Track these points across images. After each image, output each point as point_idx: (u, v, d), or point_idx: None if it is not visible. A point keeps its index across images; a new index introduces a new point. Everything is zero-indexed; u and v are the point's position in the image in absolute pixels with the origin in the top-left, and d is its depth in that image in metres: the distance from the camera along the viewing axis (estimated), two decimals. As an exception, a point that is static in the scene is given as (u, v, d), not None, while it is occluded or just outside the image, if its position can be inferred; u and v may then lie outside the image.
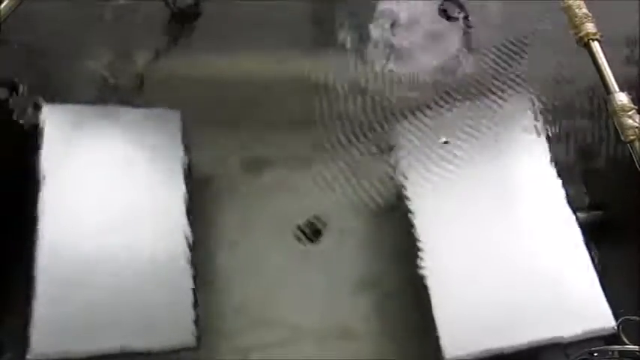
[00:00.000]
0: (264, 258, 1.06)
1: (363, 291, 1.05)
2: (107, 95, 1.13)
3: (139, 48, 1.18)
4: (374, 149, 1.15)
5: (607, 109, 0.87)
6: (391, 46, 1.27)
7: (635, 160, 0.80)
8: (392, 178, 1.12)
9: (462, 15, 1.30)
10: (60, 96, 1.07)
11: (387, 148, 1.15)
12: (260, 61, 1.23)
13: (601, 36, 0.91)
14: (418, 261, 1.01)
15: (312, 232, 1.09)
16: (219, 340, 0.98)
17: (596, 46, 0.90)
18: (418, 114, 1.17)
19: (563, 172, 1.09)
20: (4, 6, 0.92)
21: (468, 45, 1.27)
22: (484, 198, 1.08)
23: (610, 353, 0.85)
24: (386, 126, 1.17)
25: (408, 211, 1.06)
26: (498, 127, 1.15)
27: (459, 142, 1.14)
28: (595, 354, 0.85)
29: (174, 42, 1.22)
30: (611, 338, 0.91)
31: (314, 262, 1.07)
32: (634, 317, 0.85)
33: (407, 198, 1.08)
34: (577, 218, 1.04)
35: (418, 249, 1.02)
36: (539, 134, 1.12)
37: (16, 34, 1.05)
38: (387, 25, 1.29)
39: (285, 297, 1.03)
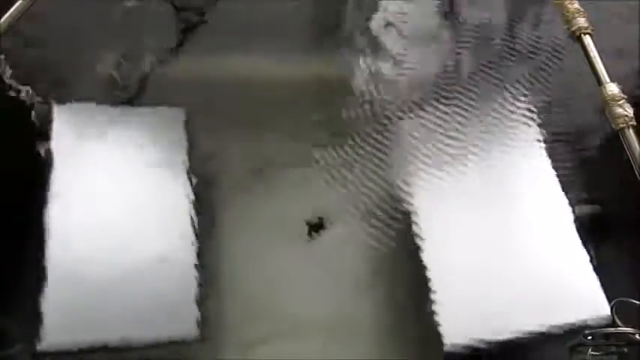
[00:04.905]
0: (268, 254, 1.07)
1: (365, 285, 1.06)
2: (115, 95, 1.15)
3: (146, 49, 1.21)
4: (376, 148, 1.17)
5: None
6: (392, 47, 1.29)
7: (626, 147, 0.82)
8: (393, 177, 1.13)
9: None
10: (69, 96, 1.10)
11: (389, 147, 1.16)
12: (264, 62, 1.24)
13: (592, 30, 0.93)
14: (420, 255, 1.03)
15: (315, 229, 1.10)
16: (224, 334, 0.99)
17: (587, 40, 0.93)
18: (420, 114, 1.19)
19: (560, 167, 1.11)
20: (5, 19, 0.95)
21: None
22: (483, 192, 1.10)
23: (603, 338, 0.86)
24: (388, 125, 1.19)
25: (410, 207, 1.08)
26: (497, 124, 1.18)
27: (458, 140, 1.16)
28: (589, 337, 0.86)
29: (180, 43, 1.24)
30: (607, 326, 0.93)
31: (317, 258, 1.08)
32: (627, 299, 0.86)
33: (408, 195, 1.10)
34: (574, 212, 1.06)
35: (419, 244, 1.04)
36: (536, 130, 1.15)
37: (25, 34, 1.08)
38: (388, 26, 1.32)
39: (288, 292, 1.04)
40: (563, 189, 1.08)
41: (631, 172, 0.87)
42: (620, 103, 0.85)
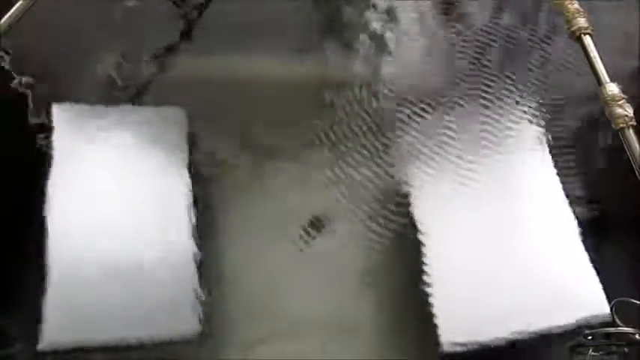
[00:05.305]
0: (268, 254, 1.07)
1: (365, 285, 1.06)
2: (115, 95, 1.15)
3: (146, 49, 1.21)
4: (377, 148, 1.17)
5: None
6: (393, 47, 1.30)
7: (626, 147, 0.83)
8: (394, 177, 1.14)
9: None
10: (69, 96, 1.10)
11: (390, 147, 1.17)
12: (264, 62, 1.25)
13: (592, 30, 0.94)
14: (420, 255, 1.03)
15: (316, 229, 1.10)
16: (224, 334, 0.99)
17: (587, 40, 0.93)
18: (420, 114, 1.20)
19: (561, 167, 1.12)
20: (6, 19, 0.95)
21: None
22: (483, 193, 1.10)
23: (604, 338, 0.86)
24: (389, 125, 1.19)
25: (410, 207, 1.09)
26: (498, 124, 1.18)
27: (459, 139, 1.16)
28: (589, 337, 0.87)
29: (181, 43, 1.24)
30: (607, 326, 0.93)
31: (317, 258, 1.08)
32: (627, 299, 0.86)
33: (409, 195, 1.10)
34: (574, 212, 1.06)
35: (420, 244, 1.05)
36: (536, 130, 1.15)
37: (25, 33, 1.08)
38: (389, 26, 1.32)
39: (288, 291, 1.04)
40: (564, 189, 1.08)
41: (631, 172, 0.87)
42: (620, 103, 0.85)
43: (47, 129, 1.05)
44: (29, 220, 0.98)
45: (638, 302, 0.88)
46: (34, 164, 1.03)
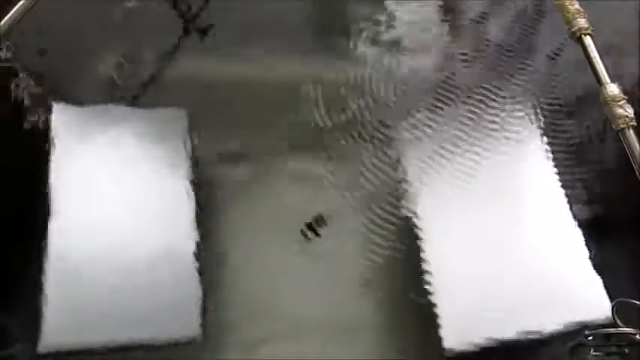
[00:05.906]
0: (268, 254, 1.07)
1: (365, 285, 1.06)
2: (115, 95, 1.15)
3: (147, 49, 1.21)
4: (377, 149, 1.17)
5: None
6: (393, 47, 1.30)
7: (626, 147, 0.83)
8: (394, 177, 1.14)
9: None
10: (69, 96, 1.11)
11: (390, 148, 1.17)
12: (264, 62, 1.25)
13: (592, 30, 0.94)
14: (420, 255, 1.03)
15: (316, 229, 1.10)
16: (224, 334, 0.99)
17: (588, 40, 0.93)
18: (421, 115, 1.20)
19: (561, 167, 1.12)
20: (6, 21, 0.95)
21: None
22: (484, 193, 1.10)
23: (604, 338, 0.86)
24: (389, 126, 1.19)
25: (411, 206, 1.09)
26: (498, 125, 1.18)
27: (459, 139, 1.16)
28: (590, 337, 0.87)
29: (181, 44, 1.24)
30: (607, 327, 0.93)
31: (317, 258, 1.08)
32: (628, 299, 0.86)
33: (409, 195, 1.10)
34: (574, 212, 1.06)
35: (420, 243, 1.05)
36: (536, 130, 1.15)
37: (25, 34, 1.08)
38: (389, 26, 1.32)
39: (289, 292, 1.04)
40: (564, 189, 1.08)
41: (631, 172, 0.87)
42: (620, 103, 0.85)
43: (47, 129, 1.05)
44: (29, 220, 0.98)
45: (638, 303, 0.88)
46: (34, 164, 1.03)
